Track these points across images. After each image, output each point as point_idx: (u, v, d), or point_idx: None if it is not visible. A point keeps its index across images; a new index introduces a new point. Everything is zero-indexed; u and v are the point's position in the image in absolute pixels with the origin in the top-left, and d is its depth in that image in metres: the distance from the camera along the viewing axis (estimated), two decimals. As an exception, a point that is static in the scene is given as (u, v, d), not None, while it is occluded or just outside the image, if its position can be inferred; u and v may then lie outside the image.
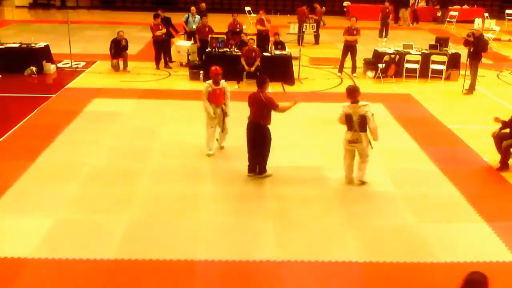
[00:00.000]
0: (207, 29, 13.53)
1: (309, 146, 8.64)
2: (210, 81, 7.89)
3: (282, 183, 7.24)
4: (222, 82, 7.93)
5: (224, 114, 8.03)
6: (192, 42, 14.03)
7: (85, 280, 5.11)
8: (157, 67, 13.34)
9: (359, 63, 13.50)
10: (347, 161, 7.24)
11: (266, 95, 7.08)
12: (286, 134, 9.12)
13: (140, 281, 5.13)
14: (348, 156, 7.21)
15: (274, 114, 7.26)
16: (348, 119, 6.97)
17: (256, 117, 7.09)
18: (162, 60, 13.49)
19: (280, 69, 12.48)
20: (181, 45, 13.84)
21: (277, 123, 9.56)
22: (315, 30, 15.50)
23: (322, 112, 10.37)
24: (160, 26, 13.10)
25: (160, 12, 13.59)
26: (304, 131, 9.38)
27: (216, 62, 12.35)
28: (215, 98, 7.87)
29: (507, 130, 7.88)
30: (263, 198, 6.85)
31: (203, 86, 8.00)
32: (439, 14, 23.06)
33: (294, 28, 14.96)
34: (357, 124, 6.93)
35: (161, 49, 13.36)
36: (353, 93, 6.96)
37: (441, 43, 13.41)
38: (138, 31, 18.87)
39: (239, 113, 8.00)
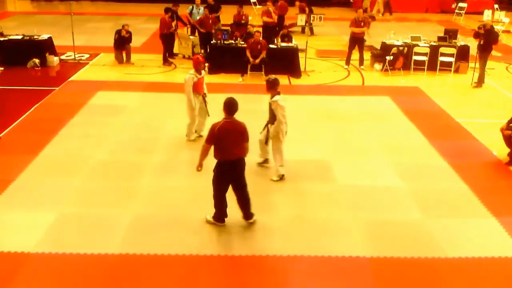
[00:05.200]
0: (210, 21, 13.39)
1: (316, 140, 8.56)
2: (193, 71, 7.90)
3: (287, 177, 7.16)
4: (203, 71, 8.09)
5: (205, 99, 8.16)
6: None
7: (88, 275, 5.06)
8: (170, 61, 13.18)
9: (367, 56, 13.34)
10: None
11: (243, 123, 5.76)
12: (292, 128, 8.99)
13: (143, 276, 5.08)
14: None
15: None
16: None
17: (241, 149, 5.68)
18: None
19: (287, 61, 12.36)
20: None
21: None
22: (308, 21, 15.28)
23: (329, 105, 10.27)
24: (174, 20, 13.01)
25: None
26: (311, 124, 9.29)
27: (220, 54, 12.32)
28: (199, 87, 7.99)
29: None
30: (268, 192, 6.78)
31: (186, 76, 7.96)
32: (453, 5, 22.64)
33: (302, 19, 14.79)
34: None
35: (171, 44, 13.21)
36: (278, 83, 6.77)
37: (450, 35, 13.23)
38: (143, 22, 18.76)
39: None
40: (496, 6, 21.12)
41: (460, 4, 21.95)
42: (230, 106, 5.58)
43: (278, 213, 6.29)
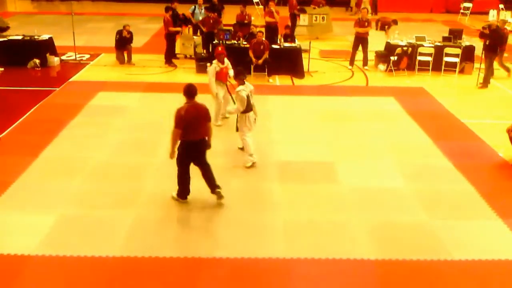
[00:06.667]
0: (211, 21, 13.31)
1: (319, 141, 8.49)
2: (215, 61, 8.68)
3: (291, 178, 7.10)
4: (226, 61, 8.79)
5: (228, 87, 8.88)
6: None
7: (89, 278, 4.99)
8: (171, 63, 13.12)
9: (371, 56, 13.25)
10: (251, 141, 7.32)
11: (204, 105, 6.26)
12: (296, 128, 8.98)
13: (145, 279, 5.01)
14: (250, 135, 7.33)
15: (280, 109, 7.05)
16: (248, 101, 7.09)
17: (204, 130, 6.16)
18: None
19: (290, 61, 12.30)
20: None
21: (286, 117, 9.46)
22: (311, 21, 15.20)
23: (333, 106, 10.19)
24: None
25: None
26: (314, 125, 9.22)
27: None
28: (222, 76, 8.74)
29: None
30: (272, 194, 6.71)
31: (211, 66, 8.73)
32: (463, 5, 22.44)
33: (305, 19, 14.73)
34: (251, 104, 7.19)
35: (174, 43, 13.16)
36: (243, 74, 7.24)
37: (455, 35, 13.11)
38: (144, 22, 18.71)
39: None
40: (501, 6, 21.00)
41: (465, 4, 21.80)
42: (190, 91, 6.09)
43: (282, 215, 6.20)
